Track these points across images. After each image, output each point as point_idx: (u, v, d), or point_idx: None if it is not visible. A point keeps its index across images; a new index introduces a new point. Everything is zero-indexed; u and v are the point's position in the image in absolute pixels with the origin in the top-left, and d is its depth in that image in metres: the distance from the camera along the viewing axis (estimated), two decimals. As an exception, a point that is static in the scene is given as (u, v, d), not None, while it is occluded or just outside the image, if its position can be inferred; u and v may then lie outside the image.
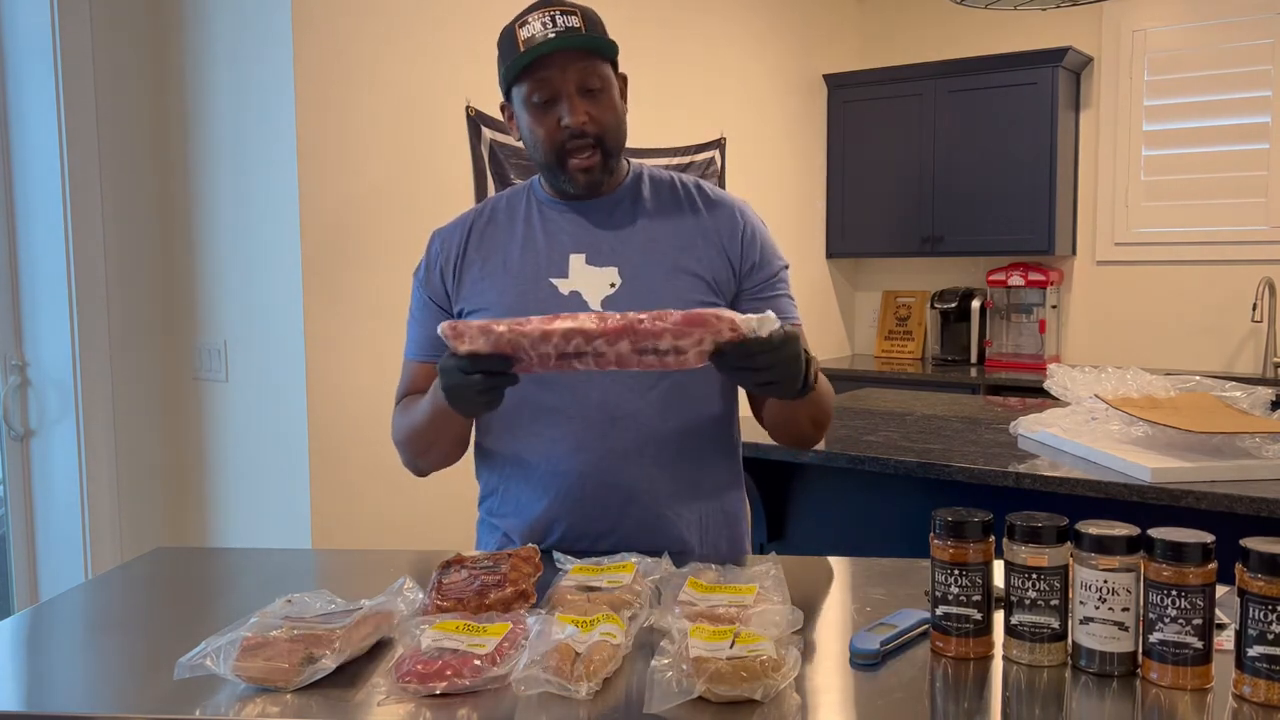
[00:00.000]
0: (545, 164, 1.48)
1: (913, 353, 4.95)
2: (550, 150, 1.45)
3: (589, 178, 1.47)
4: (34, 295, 2.71)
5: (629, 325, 1.20)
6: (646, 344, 1.20)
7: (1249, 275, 4.16)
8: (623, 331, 1.20)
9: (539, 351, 1.22)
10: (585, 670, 1.00)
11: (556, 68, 1.41)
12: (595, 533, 1.47)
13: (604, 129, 1.45)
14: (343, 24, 2.66)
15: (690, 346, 1.20)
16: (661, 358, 1.21)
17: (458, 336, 1.23)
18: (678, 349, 1.20)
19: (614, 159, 1.49)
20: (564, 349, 1.21)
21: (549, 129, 1.44)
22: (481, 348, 1.23)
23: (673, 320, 1.19)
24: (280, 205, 2.61)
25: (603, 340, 1.20)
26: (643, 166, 1.60)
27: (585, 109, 1.43)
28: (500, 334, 1.21)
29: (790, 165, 4.63)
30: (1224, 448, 2.07)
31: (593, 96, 1.44)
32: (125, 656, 1.19)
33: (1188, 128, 4.32)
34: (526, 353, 1.22)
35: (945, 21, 4.72)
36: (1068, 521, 1.08)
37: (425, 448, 1.52)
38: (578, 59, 1.42)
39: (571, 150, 1.44)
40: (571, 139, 1.43)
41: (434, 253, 1.58)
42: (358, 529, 2.71)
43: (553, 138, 1.44)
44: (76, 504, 2.69)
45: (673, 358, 1.21)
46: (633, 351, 1.21)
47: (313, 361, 2.63)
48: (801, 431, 1.52)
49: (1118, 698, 1.01)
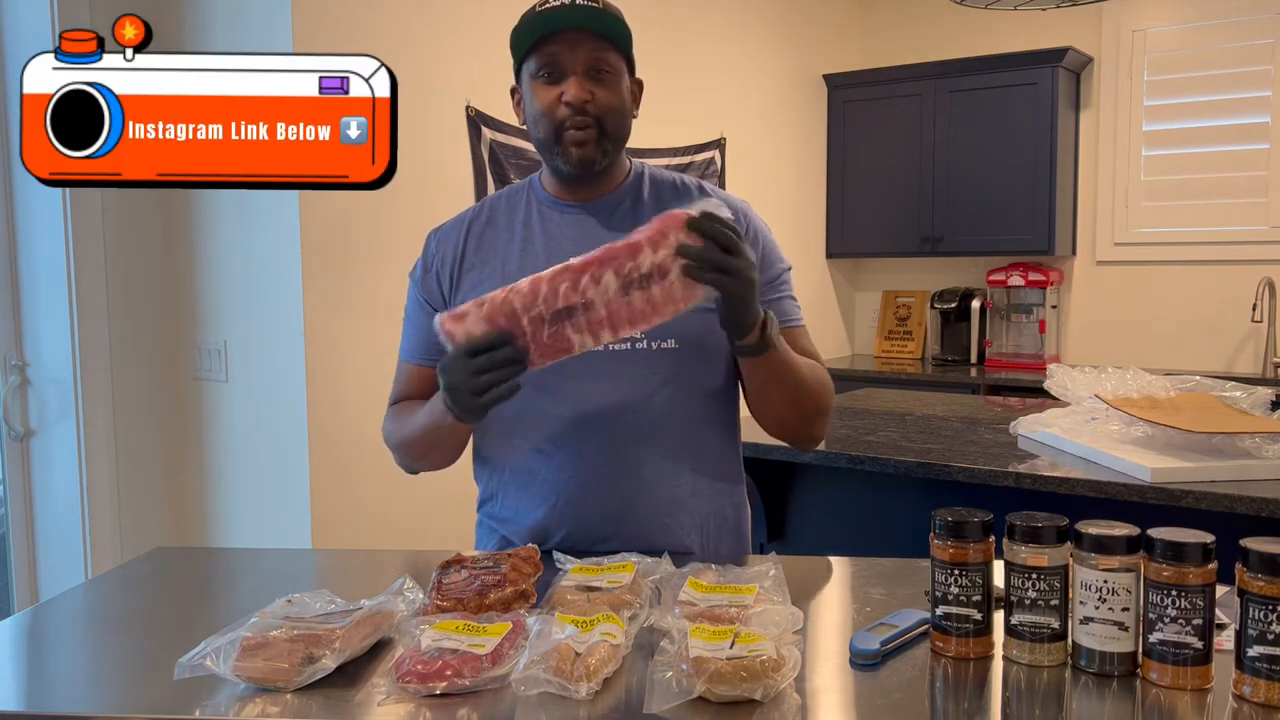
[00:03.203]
0: (542, 140, 1.46)
1: (913, 353, 4.95)
2: (548, 126, 1.44)
3: (582, 153, 1.44)
4: (34, 295, 2.71)
5: (607, 249, 1.22)
6: (629, 269, 1.21)
7: (1249, 275, 4.16)
8: (604, 258, 1.21)
9: (532, 314, 1.22)
10: (585, 670, 1.00)
11: (566, 44, 1.40)
12: (596, 538, 1.45)
13: (605, 111, 1.43)
14: (343, 24, 2.66)
15: (670, 261, 1.21)
16: (647, 291, 1.21)
17: (455, 320, 1.24)
18: (660, 268, 1.21)
19: (612, 144, 1.46)
20: (554, 304, 1.22)
21: (549, 104, 1.42)
22: (478, 328, 1.23)
23: (643, 231, 1.22)
24: (280, 205, 2.60)
25: (589, 279, 1.21)
26: (644, 166, 1.59)
27: (589, 88, 1.41)
28: (493, 297, 1.22)
29: (790, 165, 4.63)
30: (1224, 448, 2.06)
31: (599, 79, 1.42)
32: (125, 656, 1.19)
33: (1188, 128, 4.32)
34: (520, 324, 1.22)
35: (945, 21, 4.72)
36: (1068, 521, 1.08)
37: (419, 456, 1.52)
38: (588, 39, 1.41)
39: (568, 127, 1.42)
40: (571, 115, 1.42)
41: (430, 253, 1.56)
42: (358, 529, 2.71)
43: (551, 112, 1.42)
44: (76, 504, 2.69)
45: (658, 288, 1.21)
46: (620, 289, 1.21)
47: (313, 361, 2.63)
48: (780, 415, 1.49)
49: (1118, 698, 1.01)
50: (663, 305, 1.23)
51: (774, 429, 1.53)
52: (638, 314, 1.23)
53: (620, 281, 1.21)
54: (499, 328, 1.22)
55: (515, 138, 3.12)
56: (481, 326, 1.23)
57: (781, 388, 1.44)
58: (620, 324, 1.23)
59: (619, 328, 1.24)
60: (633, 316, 1.23)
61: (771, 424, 1.51)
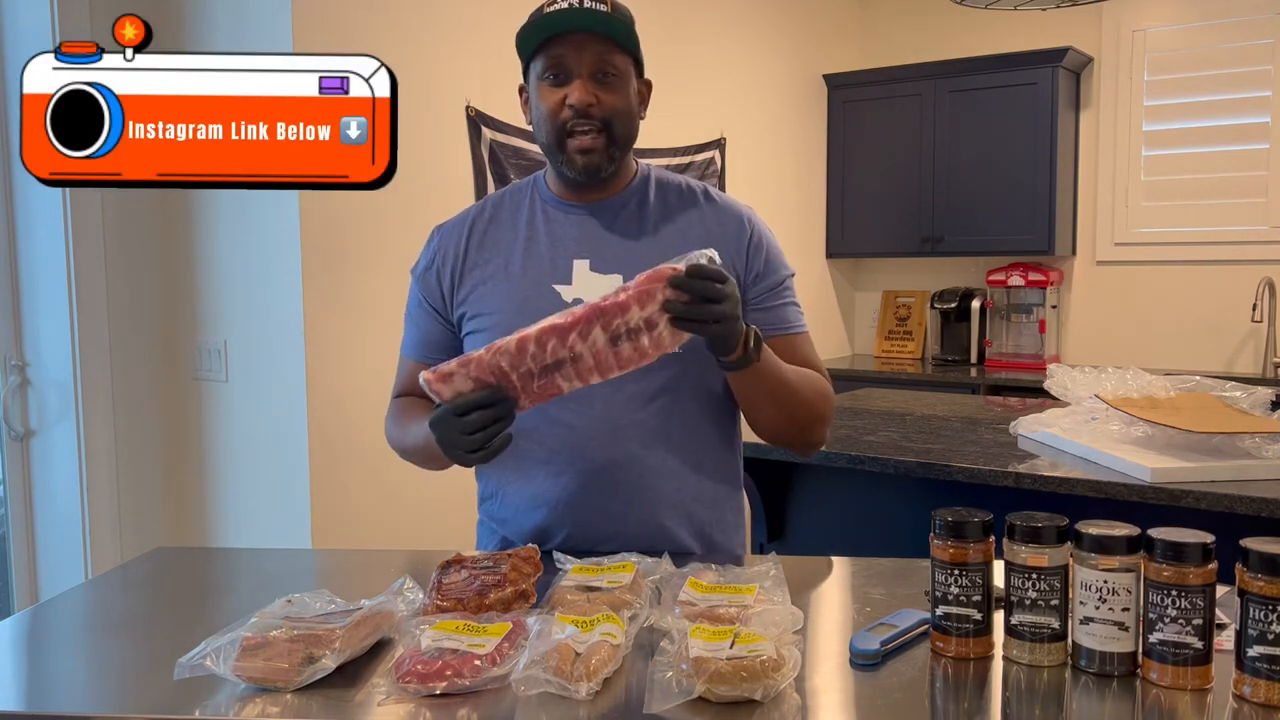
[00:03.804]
0: (547, 144, 1.46)
1: (913, 353, 4.95)
2: (553, 129, 1.43)
3: (587, 159, 1.43)
4: (34, 295, 2.71)
5: (594, 308, 1.22)
6: (617, 325, 1.22)
7: (1249, 275, 4.16)
8: (590, 316, 1.22)
9: (520, 371, 1.23)
10: (585, 670, 1.00)
11: (573, 46, 1.40)
12: (595, 539, 1.45)
13: (611, 114, 1.42)
14: (343, 24, 2.66)
15: (658, 316, 1.22)
16: (636, 342, 1.22)
17: (442, 380, 1.24)
18: (648, 321, 1.22)
19: (618, 148, 1.46)
20: (543, 360, 1.23)
21: (553, 106, 1.42)
22: (465, 386, 1.24)
23: (629, 289, 1.22)
24: (281, 205, 2.60)
25: (576, 336, 1.22)
26: (651, 168, 1.58)
27: (595, 91, 1.41)
28: (479, 358, 1.23)
29: (790, 165, 4.63)
30: (1224, 448, 2.06)
31: (605, 82, 1.42)
32: (125, 656, 1.19)
33: (1187, 128, 4.32)
34: (509, 379, 1.23)
35: (945, 21, 4.71)
36: (1068, 521, 1.08)
37: (419, 464, 1.53)
38: (595, 42, 1.40)
39: (573, 130, 1.42)
40: (576, 118, 1.41)
41: (434, 250, 1.56)
42: (358, 529, 2.71)
43: (556, 115, 1.42)
44: (76, 504, 2.69)
45: (647, 338, 1.22)
46: (609, 342, 1.22)
47: (313, 361, 2.63)
48: (773, 425, 1.48)
49: (1118, 698, 1.01)
50: (651, 351, 1.25)
51: (769, 437, 1.52)
52: (625, 360, 1.25)
53: (608, 336, 1.22)
54: (487, 385, 1.24)
55: (515, 138, 3.12)
56: (469, 385, 1.24)
57: (771, 398, 1.43)
58: (608, 370, 1.25)
59: (607, 373, 1.25)
60: (620, 363, 1.25)
61: (766, 433, 1.51)
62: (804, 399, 1.46)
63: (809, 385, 1.47)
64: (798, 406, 1.45)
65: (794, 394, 1.44)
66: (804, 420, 1.48)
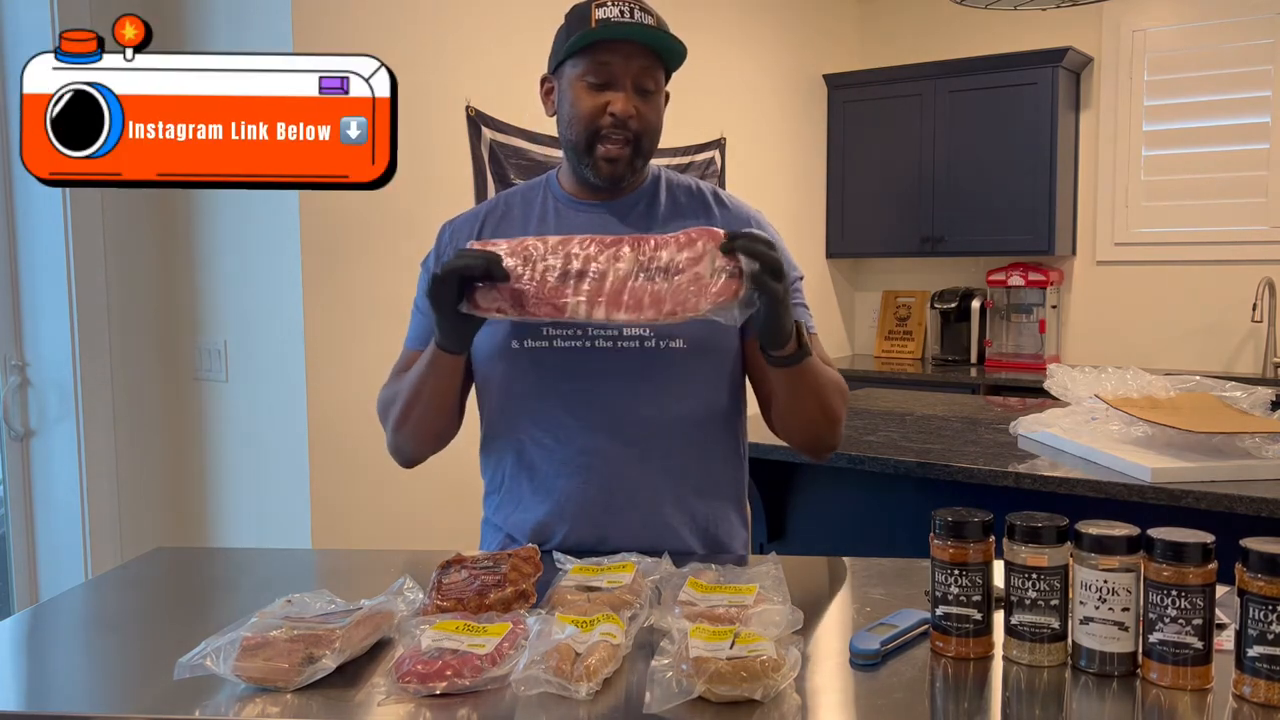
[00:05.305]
0: (574, 145, 1.46)
1: (913, 353, 4.95)
2: (585, 131, 1.44)
3: (613, 169, 1.45)
4: (34, 295, 2.70)
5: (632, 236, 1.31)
6: (649, 259, 1.27)
7: (1249, 275, 4.16)
8: (626, 239, 1.30)
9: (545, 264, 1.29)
10: (585, 670, 1.00)
11: (621, 55, 1.41)
12: (598, 537, 1.45)
13: (645, 129, 1.45)
14: (343, 24, 2.66)
15: (687, 264, 1.26)
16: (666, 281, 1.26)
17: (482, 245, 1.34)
18: (677, 266, 1.26)
19: (642, 160, 1.48)
20: (569, 264, 1.28)
21: (592, 111, 1.43)
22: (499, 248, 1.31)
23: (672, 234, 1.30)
24: (280, 205, 2.60)
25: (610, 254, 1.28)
26: (661, 170, 1.59)
27: (636, 104, 1.43)
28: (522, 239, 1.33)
29: (790, 165, 4.63)
30: (1224, 448, 2.06)
31: (645, 96, 1.44)
32: (125, 656, 1.19)
33: (1187, 128, 4.32)
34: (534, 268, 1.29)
35: (945, 21, 4.72)
36: (1068, 521, 1.08)
37: (406, 417, 1.48)
38: (643, 55, 1.42)
39: (605, 137, 1.43)
40: (611, 127, 1.43)
41: (444, 244, 1.56)
42: (358, 529, 2.71)
43: (593, 120, 1.43)
44: (76, 504, 2.69)
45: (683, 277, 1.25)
46: (634, 272, 1.27)
47: (313, 361, 2.63)
48: (808, 424, 1.46)
49: (1118, 698, 1.01)
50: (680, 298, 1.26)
51: (799, 439, 1.51)
52: (639, 299, 1.26)
53: (636, 265, 1.26)
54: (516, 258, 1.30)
55: (515, 138, 3.12)
56: (503, 248, 1.31)
57: (814, 397, 1.43)
58: (617, 302, 1.27)
59: (615, 308, 1.27)
60: (634, 302, 1.26)
61: (797, 435, 1.50)
62: (835, 398, 1.46)
63: (837, 383, 1.48)
64: (835, 403, 1.46)
65: (829, 393, 1.44)
66: (835, 418, 1.47)
